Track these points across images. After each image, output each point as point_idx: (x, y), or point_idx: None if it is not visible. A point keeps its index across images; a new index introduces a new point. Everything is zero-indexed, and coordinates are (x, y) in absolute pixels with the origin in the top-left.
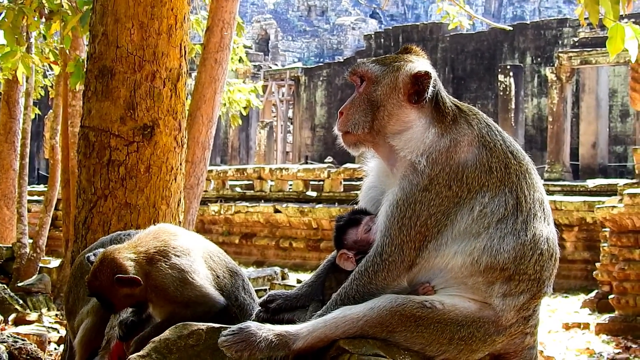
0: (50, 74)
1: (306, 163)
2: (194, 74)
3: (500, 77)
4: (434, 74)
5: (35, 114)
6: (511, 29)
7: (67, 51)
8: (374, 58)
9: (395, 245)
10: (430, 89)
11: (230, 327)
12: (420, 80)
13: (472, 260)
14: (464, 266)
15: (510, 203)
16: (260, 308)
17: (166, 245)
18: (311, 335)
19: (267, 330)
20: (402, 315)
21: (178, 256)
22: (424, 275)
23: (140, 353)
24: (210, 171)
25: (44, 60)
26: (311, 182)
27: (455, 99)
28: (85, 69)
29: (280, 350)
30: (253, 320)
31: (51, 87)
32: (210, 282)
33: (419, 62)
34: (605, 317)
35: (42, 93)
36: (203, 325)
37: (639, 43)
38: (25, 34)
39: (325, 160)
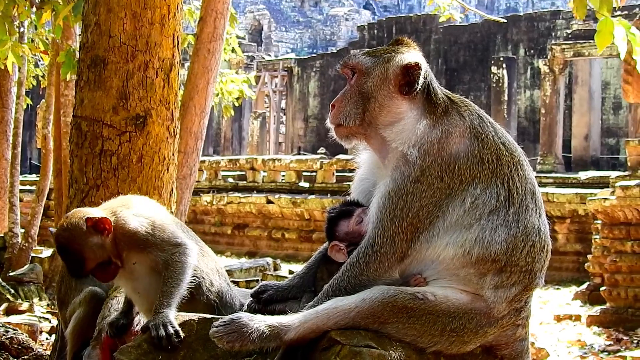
0: (42, 64)
1: (299, 154)
2: (186, 65)
3: (493, 69)
4: (424, 65)
5: (27, 104)
6: (504, 20)
7: (59, 41)
8: (365, 50)
9: (387, 236)
10: (421, 80)
11: (222, 318)
12: (410, 71)
13: (463, 251)
14: (456, 257)
15: (502, 195)
16: (251, 299)
17: (130, 200)
18: (303, 326)
19: (259, 321)
20: (394, 306)
21: (143, 206)
22: (415, 267)
23: (131, 344)
24: (203, 162)
25: (35, 50)
26: (304, 173)
27: (446, 90)
28: (77, 59)
29: (272, 341)
30: (244, 311)
31: (42, 77)
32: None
33: (409, 54)
34: (596, 309)
35: (34, 83)
36: (195, 316)
37: (627, 38)
38: (16, 23)
39: (318, 151)
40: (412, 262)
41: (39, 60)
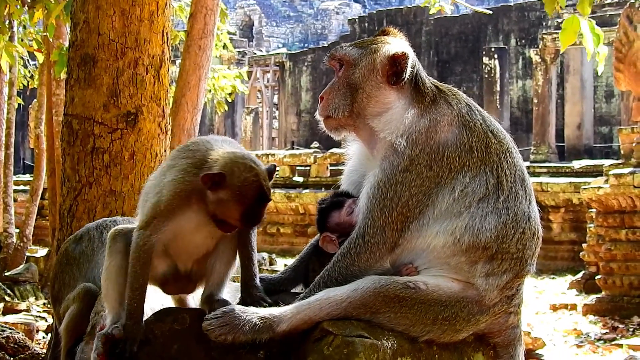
0: (32, 64)
1: (292, 148)
2: (178, 61)
3: (485, 60)
4: (411, 54)
5: (19, 104)
6: (491, 12)
7: (51, 39)
8: (351, 42)
9: (377, 226)
10: (409, 69)
11: (214, 311)
12: (398, 61)
13: (454, 239)
14: (446, 246)
15: (491, 182)
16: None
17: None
18: (295, 317)
19: (251, 314)
20: (386, 296)
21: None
22: (406, 256)
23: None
24: None
25: (28, 48)
26: (297, 168)
27: (434, 80)
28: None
29: (264, 333)
30: (237, 304)
31: (31, 77)
32: None
33: (396, 44)
34: (592, 298)
35: (25, 83)
36: (187, 309)
37: (593, 38)
38: (8, 22)
39: (312, 146)
40: (403, 252)
41: (28, 60)
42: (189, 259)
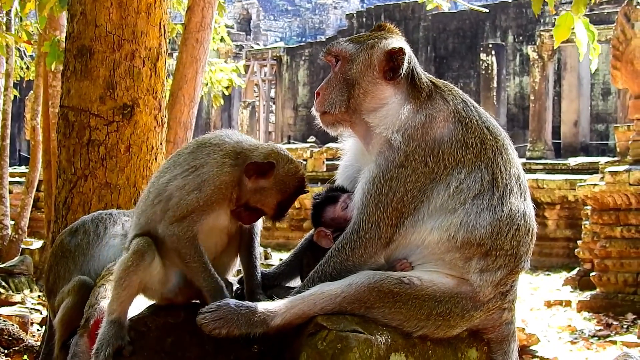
0: (29, 55)
1: (289, 143)
2: (175, 54)
3: (483, 56)
4: (408, 50)
5: (15, 96)
6: (487, 11)
7: (46, 31)
8: (348, 37)
9: (372, 222)
10: (405, 65)
11: (208, 305)
12: (394, 56)
13: (448, 236)
14: (441, 242)
15: (486, 179)
16: (238, 286)
17: None
18: (289, 312)
19: (246, 308)
20: (380, 291)
21: None
22: (401, 252)
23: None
24: None
25: (18, 40)
26: None
27: (430, 76)
28: (64, 49)
29: (258, 327)
30: (232, 298)
31: (27, 68)
32: None
33: (393, 39)
34: (586, 295)
35: (21, 74)
36: (181, 304)
37: (588, 34)
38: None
39: (308, 140)
40: (398, 247)
41: (24, 52)
42: (209, 256)
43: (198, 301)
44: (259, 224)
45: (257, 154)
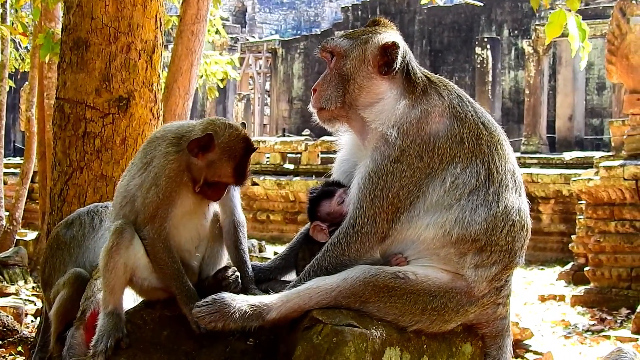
0: (24, 46)
1: (283, 136)
2: (170, 46)
3: (478, 50)
4: (402, 44)
5: (10, 87)
6: (482, 4)
7: (42, 22)
8: (342, 33)
9: (368, 217)
10: (399, 59)
11: (204, 298)
12: (389, 51)
13: (444, 231)
14: (436, 237)
15: (481, 174)
16: (235, 268)
17: None
18: (285, 306)
19: (241, 301)
20: (375, 286)
21: None
22: (396, 247)
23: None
24: None
25: (14, 32)
26: (288, 155)
27: (425, 70)
28: (60, 41)
29: (254, 321)
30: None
31: (22, 59)
32: None
33: (387, 34)
34: (580, 289)
35: (17, 65)
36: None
37: (579, 33)
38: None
39: (303, 133)
40: (393, 242)
41: (20, 43)
42: (192, 246)
43: None
44: (242, 219)
45: (195, 132)
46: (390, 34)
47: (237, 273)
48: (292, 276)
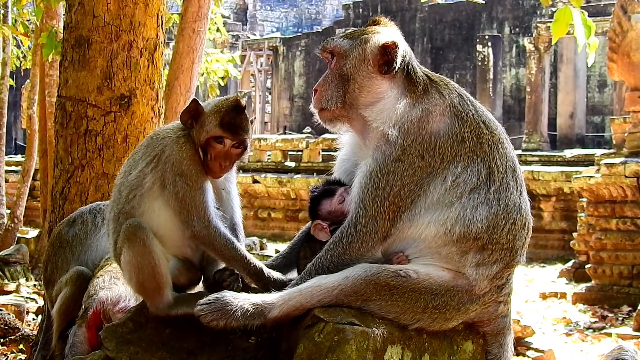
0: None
1: (284, 133)
2: (171, 44)
3: (479, 48)
4: (402, 43)
5: (11, 85)
6: (483, 2)
7: (44, 21)
8: (342, 33)
9: (369, 216)
10: (400, 58)
11: (207, 297)
12: (388, 50)
13: (445, 230)
14: (437, 236)
15: (482, 173)
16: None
17: None
18: (287, 304)
19: (243, 300)
20: (377, 284)
21: None
22: (398, 245)
23: (116, 322)
24: None
25: (15, 32)
26: (290, 153)
27: (426, 69)
28: (62, 39)
29: (256, 319)
30: (229, 290)
31: (24, 57)
32: None
33: (387, 33)
34: (581, 287)
35: (18, 63)
36: (180, 295)
37: (584, 30)
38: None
39: (304, 131)
40: (395, 241)
41: (21, 41)
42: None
43: (197, 290)
44: (239, 221)
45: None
46: (390, 34)
47: (236, 272)
48: (293, 274)
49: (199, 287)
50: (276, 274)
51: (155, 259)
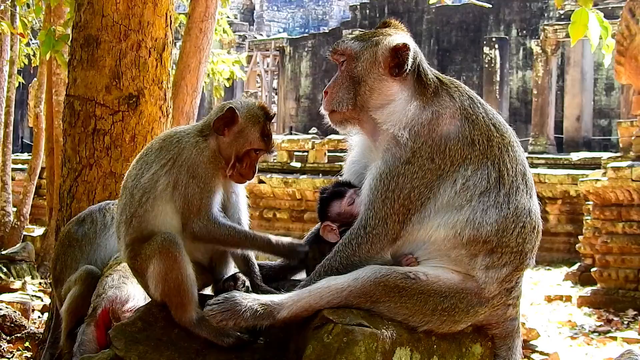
0: (34, 43)
1: (290, 134)
2: (178, 44)
3: (486, 50)
4: (413, 46)
5: (19, 82)
6: (490, 6)
7: (51, 19)
8: (353, 35)
9: (379, 218)
10: (410, 60)
11: (216, 297)
12: (399, 52)
13: (455, 232)
14: (447, 239)
15: (492, 176)
16: (244, 278)
17: None
18: (296, 305)
19: (252, 300)
20: (386, 286)
21: None
22: (407, 248)
23: (125, 321)
24: None
25: (14, 31)
26: (295, 153)
27: (436, 71)
28: (62, 38)
29: (265, 320)
30: (238, 290)
31: (33, 55)
32: None
33: (397, 35)
34: (587, 290)
35: (26, 62)
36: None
37: (601, 30)
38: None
39: (310, 131)
40: (404, 243)
41: (31, 40)
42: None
43: (207, 292)
44: (246, 222)
45: (213, 114)
46: (400, 36)
47: (247, 283)
48: (301, 276)
49: (208, 290)
50: (285, 239)
51: (184, 276)
